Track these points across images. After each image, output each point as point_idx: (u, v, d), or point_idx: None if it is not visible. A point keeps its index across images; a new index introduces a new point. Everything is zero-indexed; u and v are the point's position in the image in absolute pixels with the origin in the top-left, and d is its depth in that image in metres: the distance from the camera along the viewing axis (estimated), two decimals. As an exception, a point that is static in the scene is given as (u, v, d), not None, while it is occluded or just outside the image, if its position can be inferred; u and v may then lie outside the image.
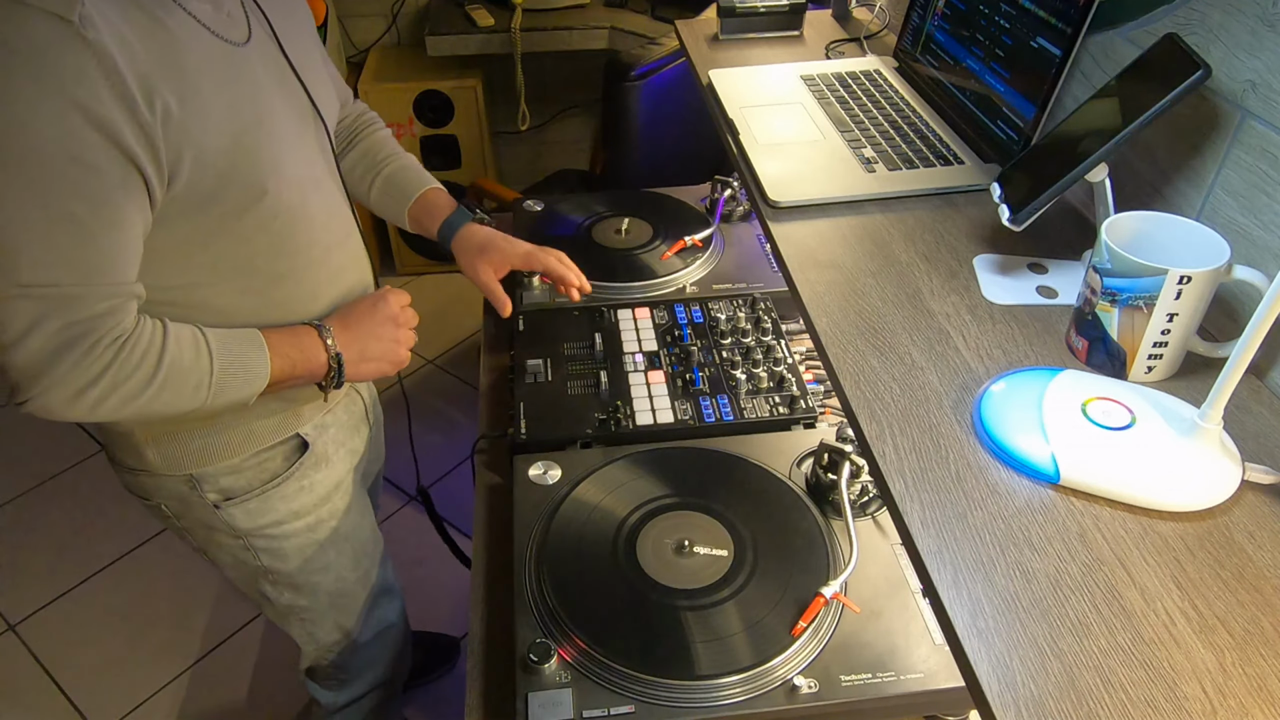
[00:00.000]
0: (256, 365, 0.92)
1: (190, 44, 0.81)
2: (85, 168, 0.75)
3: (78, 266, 0.78)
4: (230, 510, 1.07)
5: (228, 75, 0.85)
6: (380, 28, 2.86)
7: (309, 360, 0.97)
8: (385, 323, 1.04)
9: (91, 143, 0.74)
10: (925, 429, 0.72)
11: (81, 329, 0.80)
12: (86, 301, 0.79)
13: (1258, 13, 0.73)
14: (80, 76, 0.72)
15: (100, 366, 0.81)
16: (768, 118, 1.17)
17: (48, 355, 0.79)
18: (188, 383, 0.87)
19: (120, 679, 1.87)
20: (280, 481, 1.09)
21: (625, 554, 0.97)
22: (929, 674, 0.85)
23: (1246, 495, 0.65)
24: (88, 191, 0.76)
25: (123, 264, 0.82)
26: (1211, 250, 0.70)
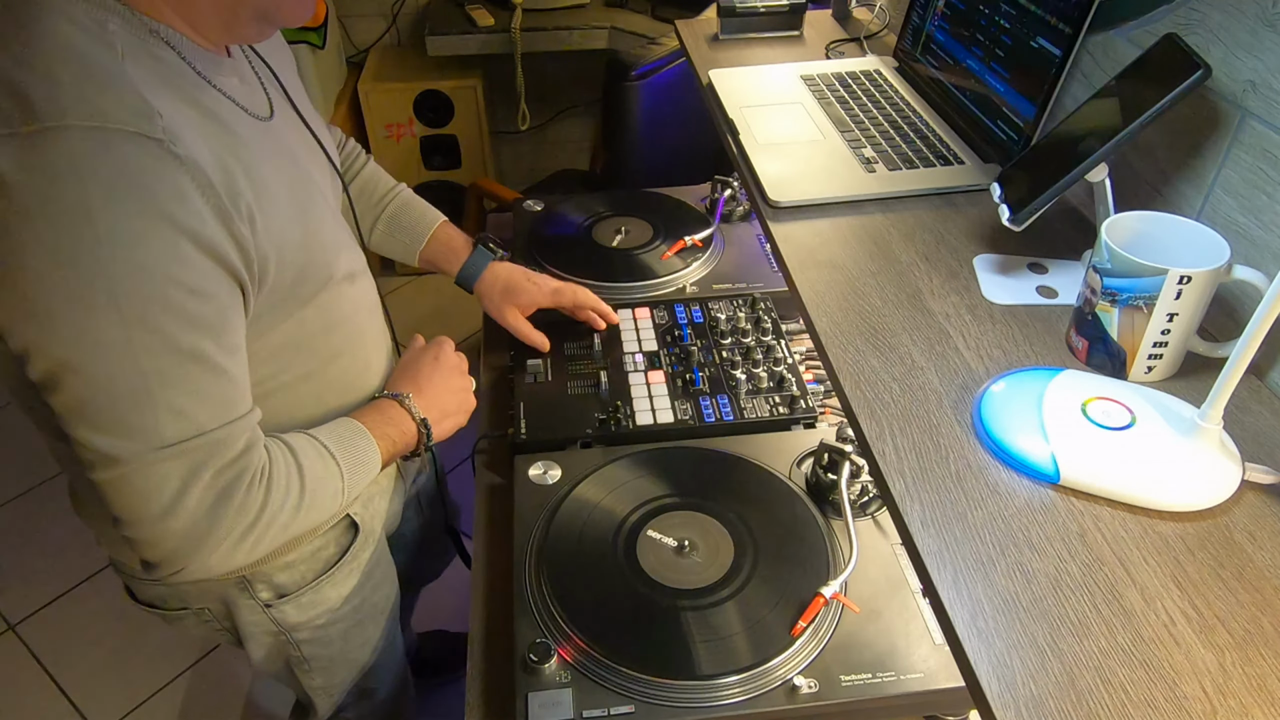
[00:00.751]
0: (370, 454, 0.88)
1: (239, 131, 0.74)
2: (203, 298, 0.68)
3: (216, 407, 0.71)
4: (282, 608, 0.99)
5: (276, 157, 0.79)
6: (380, 28, 2.86)
7: (403, 433, 0.93)
8: (451, 372, 1.02)
9: (203, 268, 0.68)
10: (925, 429, 0.72)
11: (234, 473, 0.73)
12: (230, 442, 0.73)
13: (1258, 13, 0.73)
14: (180, 197, 0.65)
15: (257, 507, 0.75)
16: (768, 118, 1.17)
17: (206, 513, 0.72)
18: (327, 492, 0.82)
19: (120, 679, 1.87)
20: (334, 569, 1.02)
21: (625, 554, 0.97)
22: (929, 674, 0.85)
23: (1246, 495, 0.65)
24: (209, 323, 0.69)
25: (247, 389, 0.75)
26: (1211, 250, 0.70)
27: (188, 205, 0.66)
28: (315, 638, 1.05)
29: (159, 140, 0.64)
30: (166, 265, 0.65)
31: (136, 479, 0.69)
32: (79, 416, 0.67)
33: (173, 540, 0.72)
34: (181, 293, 0.67)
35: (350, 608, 1.07)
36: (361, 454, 0.87)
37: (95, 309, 0.64)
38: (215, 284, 0.69)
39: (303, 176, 0.83)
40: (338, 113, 2.63)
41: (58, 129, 0.61)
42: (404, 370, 1.01)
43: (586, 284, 1.37)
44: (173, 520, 0.71)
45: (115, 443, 0.68)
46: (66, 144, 0.61)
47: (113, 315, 0.64)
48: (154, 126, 0.64)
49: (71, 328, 0.64)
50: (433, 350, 1.03)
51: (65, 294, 0.63)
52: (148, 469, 0.69)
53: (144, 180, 0.64)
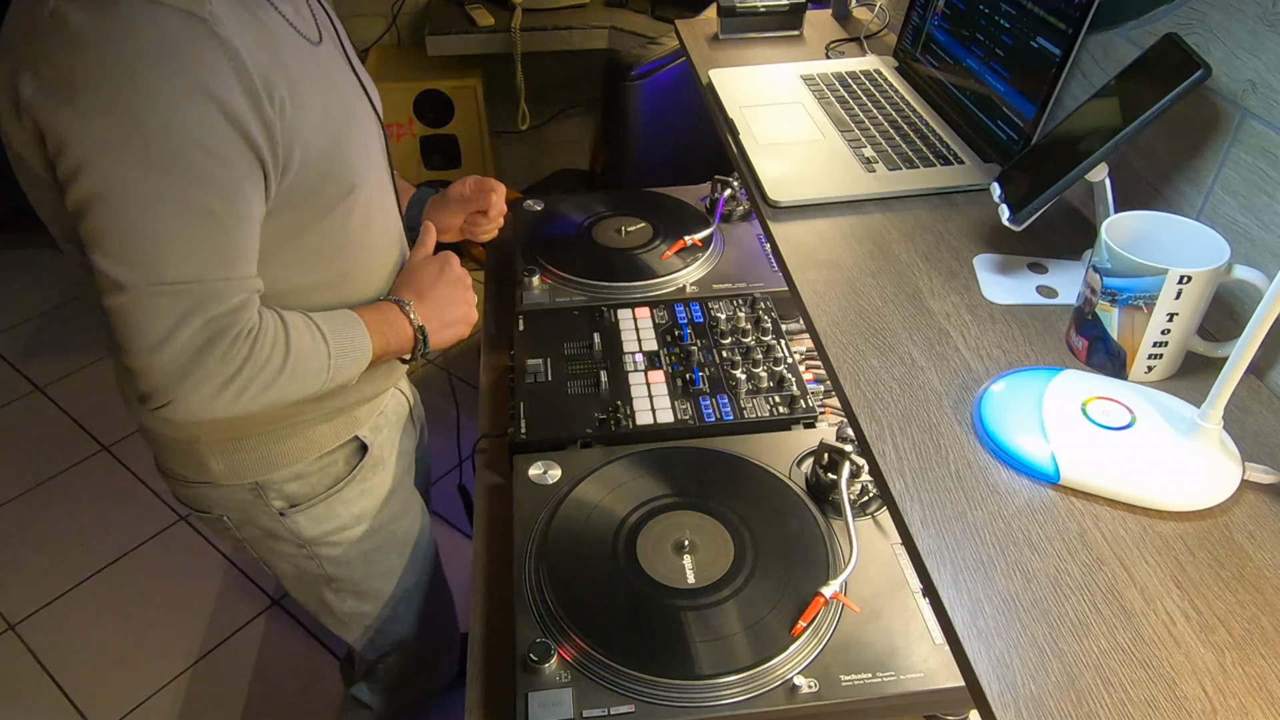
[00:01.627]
0: (361, 341, 0.92)
1: (285, 42, 0.82)
2: (220, 161, 0.75)
3: (217, 260, 0.78)
4: (295, 518, 1.06)
5: (316, 75, 0.86)
6: (380, 27, 2.86)
7: (398, 335, 0.97)
8: (455, 284, 1.05)
9: (225, 136, 0.75)
10: (925, 429, 0.72)
11: (222, 324, 0.80)
12: (225, 295, 0.79)
13: (1258, 13, 0.73)
14: (215, 71, 0.73)
15: (240, 360, 0.81)
16: (768, 117, 1.17)
17: (192, 353, 0.79)
18: (311, 366, 0.88)
19: (120, 679, 1.87)
20: (343, 486, 1.08)
21: (625, 554, 0.97)
22: (929, 674, 0.85)
23: (1246, 495, 0.65)
24: (222, 184, 0.76)
25: (250, 257, 0.82)
26: (1211, 250, 0.70)
27: (220, 79, 0.74)
28: (335, 556, 1.12)
29: (203, 19, 0.73)
30: (192, 126, 0.73)
31: (136, 308, 0.76)
32: (98, 243, 0.75)
33: (159, 372, 0.79)
34: (202, 153, 0.74)
35: (365, 529, 1.13)
36: (352, 340, 0.91)
37: (125, 150, 0.72)
38: (235, 153, 0.76)
39: (341, 99, 0.89)
40: (338, 112, 2.63)
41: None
42: (408, 276, 1.04)
43: (587, 284, 1.37)
44: (162, 353, 0.78)
45: (123, 271, 0.75)
46: (124, 11, 0.71)
47: (138, 158, 0.73)
48: (201, 7, 0.73)
49: (104, 162, 0.73)
50: (438, 262, 1.05)
51: (104, 133, 0.72)
52: (147, 301, 0.76)
53: (184, 50, 0.72)
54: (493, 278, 1.53)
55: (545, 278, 1.38)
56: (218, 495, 1.04)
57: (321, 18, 0.94)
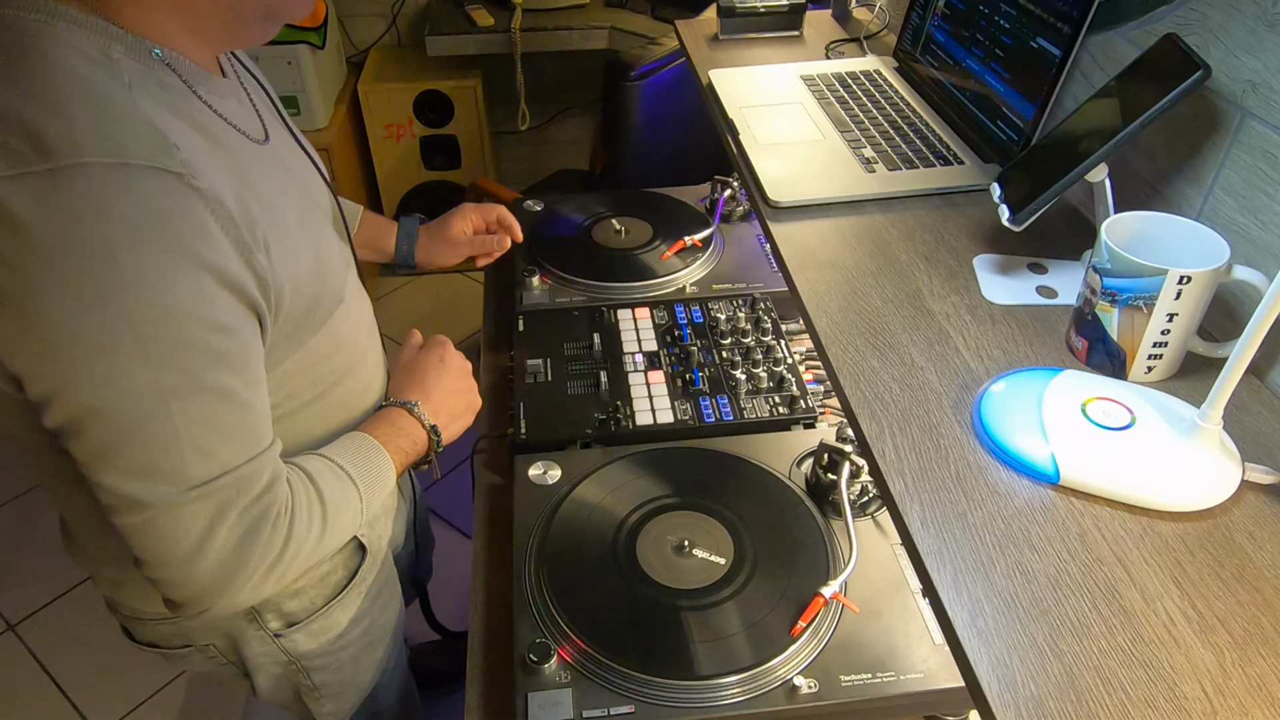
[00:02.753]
0: (385, 469, 0.86)
1: (244, 157, 0.73)
2: (227, 334, 0.67)
3: (242, 444, 0.70)
4: (292, 637, 0.97)
5: (279, 183, 0.77)
6: (380, 28, 2.86)
7: (414, 444, 0.92)
8: (459, 376, 1.00)
9: (226, 304, 0.66)
10: (925, 429, 0.72)
11: (259, 509, 0.71)
12: (255, 478, 0.71)
13: (1258, 13, 0.73)
14: (203, 234, 0.64)
15: (282, 540, 0.74)
16: (768, 118, 1.17)
17: (232, 551, 0.70)
18: (347, 515, 0.81)
19: (120, 679, 1.87)
20: (344, 593, 0.99)
21: (625, 554, 0.97)
22: (929, 674, 0.85)
23: (1246, 495, 0.65)
24: (234, 358, 0.68)
25: (269, 421, 0.74)
26: (1211, 250, 0.70)
27: (210, 241, 0.64)
28: (326, 664, 1.03)
29: (179, 174, 0.63)
30: (192, 304, 0.64)
31: (164, 522, 0.67)
32: (104, 462, 0.65)
33: (201, 580, 0.70)
34: (206, 330, 0.65)
35: (360, 630, 1.05)
36: (377, 470, 0.86)
37: (121, 353, 0.62)
38: (238, 319, 0.68)
39: (306, 199, 0.82)
40: (338, 113, 2.63)
41: (77, 166, 0.59)
42: (409, 375, 0.99)
43: (587, 284, 1.37)
44: (200, 561, 0.69)
45: (143, 486, 0.66)
46: (87, 182, 0.59)
47: (139, 358, 0.63)
48: (173, 160, 0.63)
49: (96, 373, 0.62)
50: (436, 353, 1.01)
51: (90, 339, 0.61)
52: (175, 511, 0.67)
53: (168, 217, 0.62)
54: (493, 278, 1.53)
55: (545, 278, 1.38)
56: (205, 627, 0.94)
57: (262, 102, 0.84)
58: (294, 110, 2.49)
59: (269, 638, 0.96)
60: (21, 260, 0.59)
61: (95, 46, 0.65)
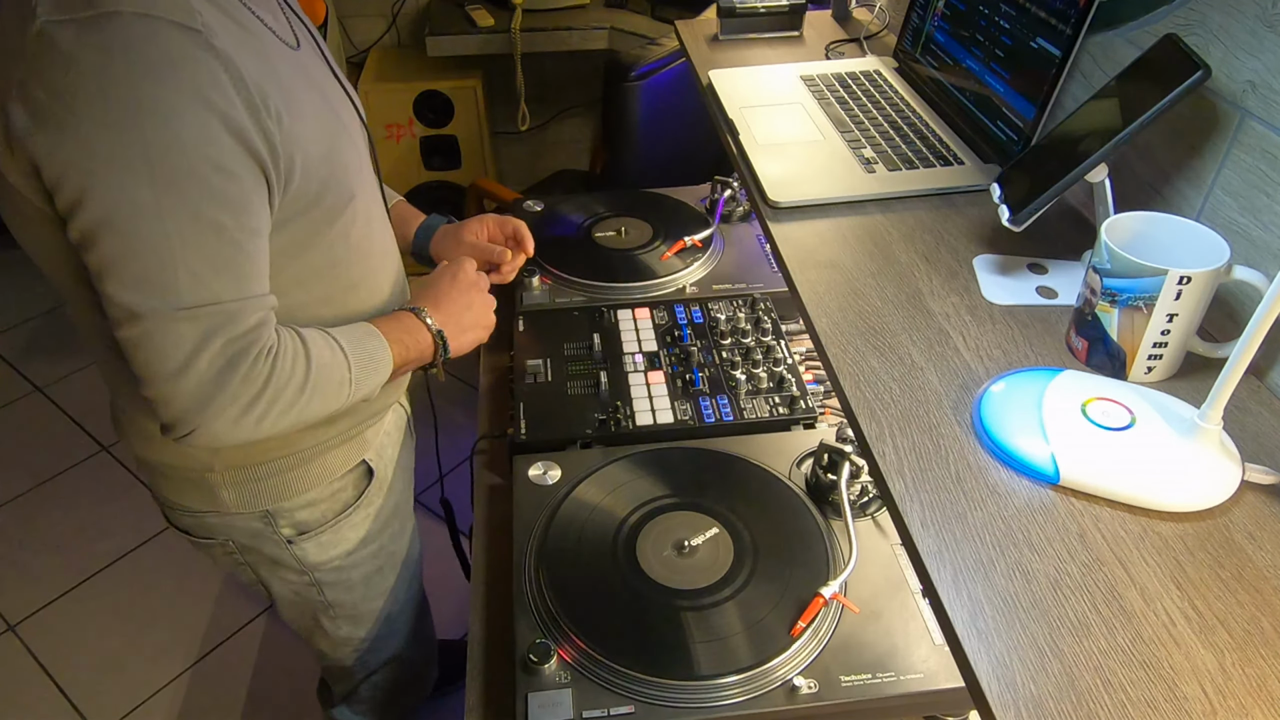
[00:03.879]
0: (381, 354, 0.91)
1: (271, 49, 0.80)
2: (228, 175, 0.73)
3: (233, 280, 0.76)
4: (303, 545, 1.05)
5: (303, 82, 0.84)
6: (380, 28, 2.86)
7: (418, 343, 0.96)
8: (470, 289, 1.04)
9: (231, 149, 0.73)
10: (925, 429, 0.72)
11: (242, 344, 0.77)
12: (243, 316, 0.77)
13: (1258, 13, 0.73)
14: (214, 83, 0.71)
15: (261, 380, 0.79)
16: (768, 118, 1.17)
17: (214, 377, 0.76)
18: (333, 381, 0.86)
19: (120, 679, 1.87)
20: (351, 510, 1.07)
21: (625, 554, 0.97)
22: (929, 674, 0.85)
23: (1246, 495, 0.65)
24: (232, 200, 0.74)
25: (264, 273, 0.80)
26: (1211, 250, 0.70)
27: (221, 90, 0.72)
28: (337, 580, 1.10)
29: (198, 31, 0.70)
30: (197, 140, 0.71)
31: (155, 335, 0.74)
32: (109, 272, 0.73)
33: (183, 399, 0.77)
34: (208, 167, 0.72)
35: (369, 552, 1.11)
36: (371, 352, 0.90)
37: (131, 170, 0.70)
38: (241, 166, 0.74)
39: (327, 105, 0.87)
40: (338, 113, 2.63)
41: (112, 14, 0.68)
42: (423, 287, 1.03)
43: (587, 284, 1.37)
44: (183, 380, 0.76)
45: (138, 298, 0.73)
46: (120, 26, 0.68)
47: (145, 178, 0.70)
48: (194, 19, 0.71)
49: (110, 186, 0.70)
50: (452, 269, 1.05)
51: (107, 155, 0.69)
52: (165, 327, 0.74)
53: (183, 63, 0.70)
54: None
55: (545, 278, 1.38)
56: (224, 524, 1.02)
57: (296, 22, 0.91)
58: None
59: (282, 543, 1.04)
60: (61, 87, 0.68)
61: None
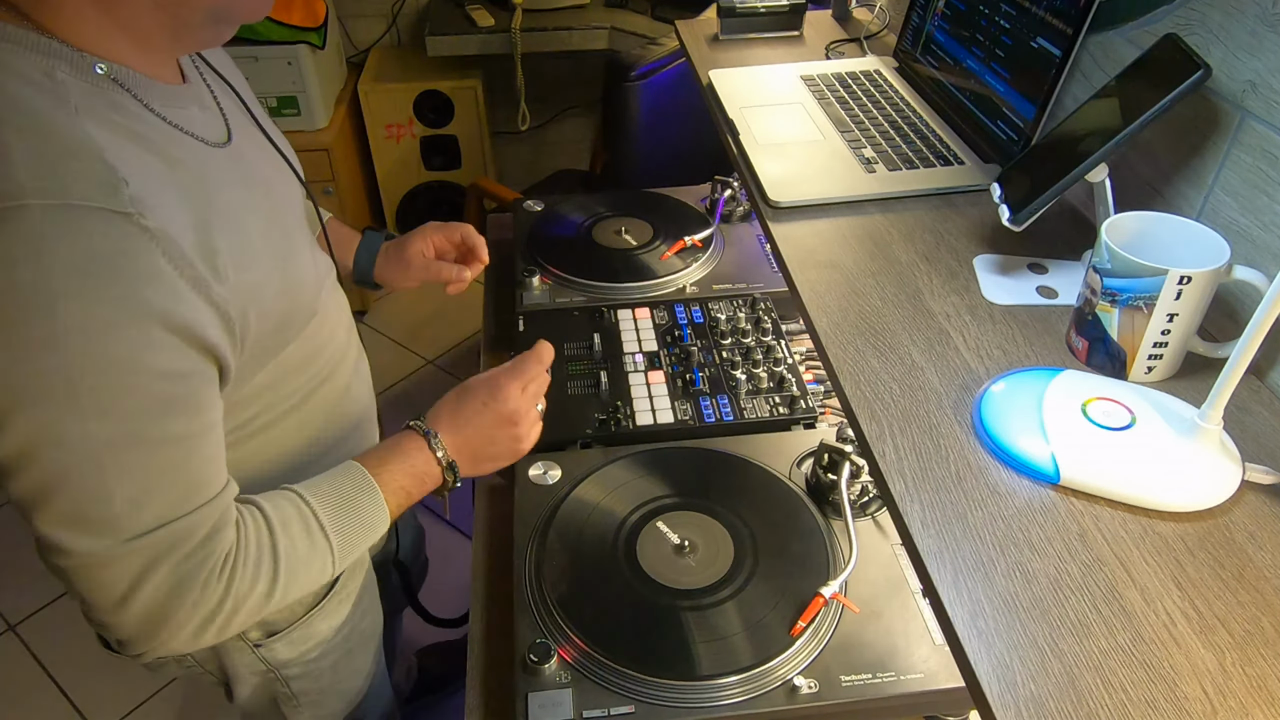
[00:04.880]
0: (374, 514, 0.80)
1: (211, 176, 0.69)
2: (174, 379, 0.64)
3: (182, 494, 0.67)
4: (272, 647, 0.95)
5: (245, 189, 0.73)
6: (380, 28, 2.86)
7: (423, 483, 0.84)
8: (503, 424, 0.88)
9: (175, 351, 0.63)
10: (925, 429, 0.72)
11: (192, 564, 0.68)
12: (193, 531, 0.68)
13: (1258, 13, 0.73)
14: (151, 277, 0.60)
15: (218, 597, 0.70)
16: (768, 118, 1.17)
17: (160, 605, 0.68)
18: (310, 570, 0.77)
19: (120, 679, 1.87)
20: (326, 600, 0.97)
21: (625, 554, 0.97)
22: (929, 674, 0.85)
23: (1246, 495, 0.65)
24: (181, 404, 0.65)
25: (220, 466, 0.71)
26: (1211, 250, 0.70)
27: (159, 284, 0.61)
28: (306, 673, 1.01)
29: (127, 215, 0.59)
30: (138, 354, 0.61)
31: (91, 570, 0.65)
32: (34, 507, 0.63)
33: (129, 627, 0.69)
34: (152, 379, 0.62)
35: (341, 638, 1.02)
36: (363, 517, 0.79)
37: (54, 404, 0.59)
38: (189, 363, 0.65)
39: (273, 203, 0.78)
40: (338, 113, 2.63)
41: (14, 209, 0.56)
42: (456, 397, 0.90)
43: (587, 284, 1.37)
44: (125, 613, 0.67)
45: (71, 536, 0.63)
46: (25, 225, 0.56)
47: (72, 410, 0.60)
48: (120, 199, 0.59)
49: (27, 420, 0.60)
50: (489, 391, 0.88)
51: (21, 388, 0.59)
52: (103, 565, 0.65)
53: (112, 262, 0.59)
54: (492, 278, 1.53)
55: (545, 278, 1.38)
56: None
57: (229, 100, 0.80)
58: (293, 110, 2.49)
59: (248, 648, 0.94)
60: None
61: (39, 69, 0.61)
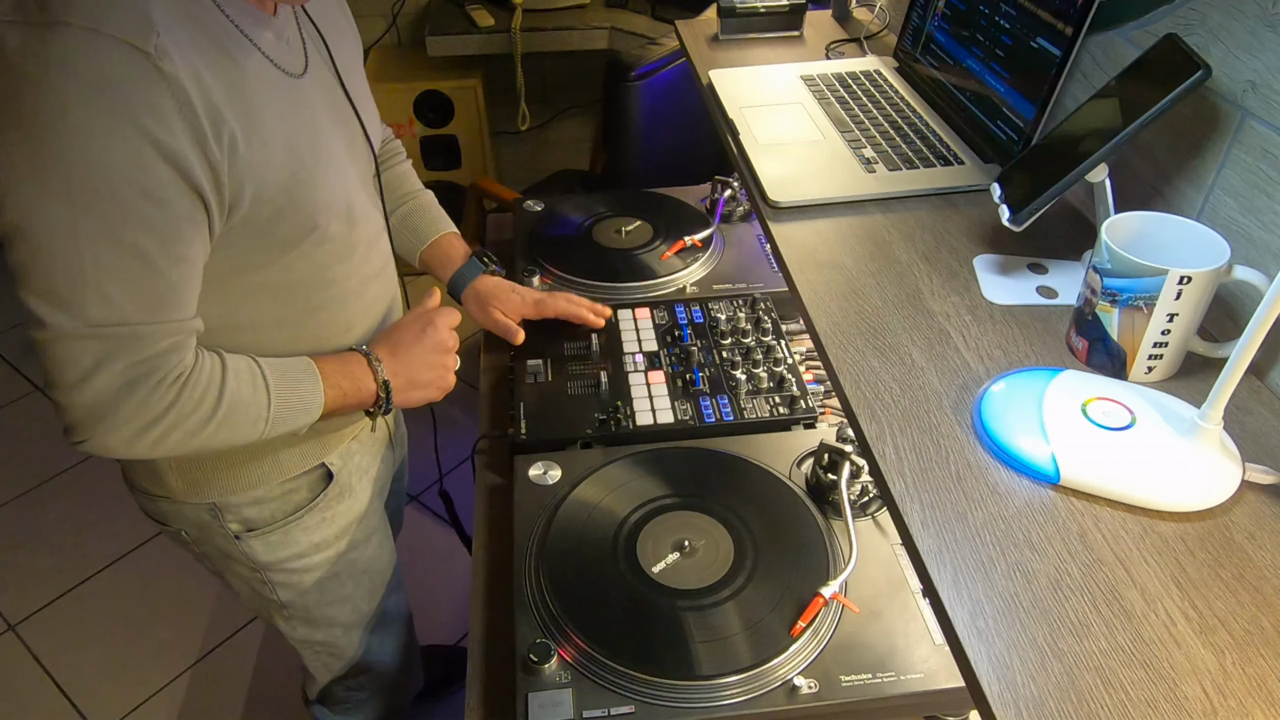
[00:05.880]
0: (311, 396, 0.90)
1: (256, 78, 0.80)
2: (155, 202, 0.73)
3: (146, 303, 0.76)
4: (250, 542, 1.04)
5: (288, 109, 0.83)
6: (380, 28, 2.86)
7: (359, 390, 0.95)
8: (434, 350, 1.01)
9: (162, 176, 0.72)
10: (925, 429, 0.72)
11: (146, 368, 0.78)
12: (152, 339, 0.77)
13: (1258, 13, 0.73)
14: (154, 109, 0.70)
15: (163, 405, 0.79)
16: (768, 118, 1.17)
17: (111, 396, 0.77)
18: (246, 417, 0.85)
19: (120, 679, 1.87)
20: (303, 513, 1.06)
21: (625, 554, 0.97)
22: (929, 674, 0.85)
23: (1246, 495, 0.65)
24: (157, 226, 0.74)
25: (187, 299, 0.80)
26: (1211, 250, 0.70)
27: (160, 116, 0.70)
28: (286, 581, 1.10)
29: (147, 53, 0.69)
30: (124, 165, 0.70)
31: (58, 346, 0.75)
32: (21, 278, 0.73)
33: (77, 411, 0.77)
34: (134, 192, 0.71)
35: (323, 557, 1.10)
36: (301, 394, 0.89)
37: (49, 186, 0.70)
38: (173, 193, 0.73)
39: (316, 133, 0.87)
40: (338, 113, 2.63)
41: (59, 24, 0.67)
42: (389, 331, 1.02)
43: (587, 284, 1.37)
44: (80, 393, 0.76)
45: (44, 309, 0.73)
46: (62, 39, 0.67)
47: (63, 195, 0.70)
48: (146, 40, 0.69)
49: (26, 196, 0.70)
50: (422, 322, 1.02)
51: (29, 167, 0.69)
52: (69, 341, 0.74)
53: (121, 85, 0.69)
54: (493, 278, 1.53)
55: (545, 278, 1.38)
56: (175, 510, 1.02)
57: (316, 43, 0.91)
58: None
59: (230, 538, 1.04)
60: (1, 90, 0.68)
61: None
